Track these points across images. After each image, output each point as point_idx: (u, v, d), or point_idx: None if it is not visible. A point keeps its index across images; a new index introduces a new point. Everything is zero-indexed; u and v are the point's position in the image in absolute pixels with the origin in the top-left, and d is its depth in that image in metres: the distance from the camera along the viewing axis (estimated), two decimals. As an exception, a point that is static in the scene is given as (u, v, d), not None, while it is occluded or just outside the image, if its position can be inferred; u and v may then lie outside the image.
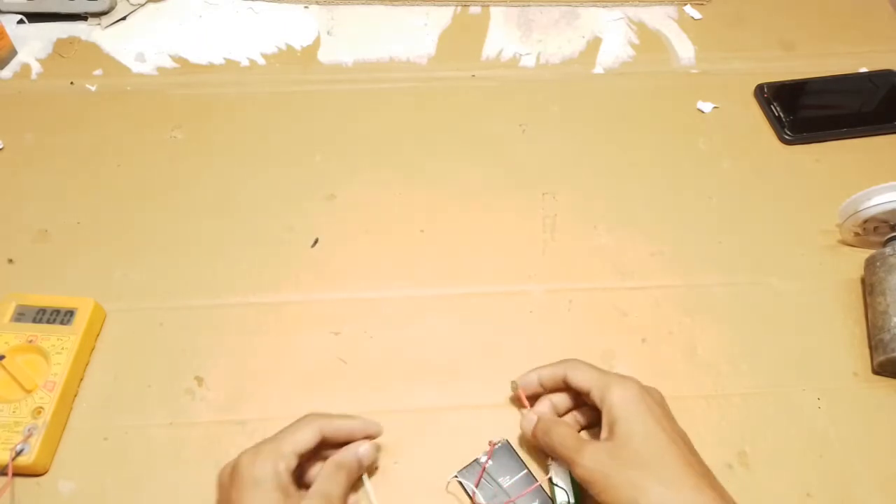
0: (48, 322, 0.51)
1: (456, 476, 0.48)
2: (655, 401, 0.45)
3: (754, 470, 0.49)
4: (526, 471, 0.48)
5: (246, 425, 0.50)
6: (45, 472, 0.47)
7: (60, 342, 0.51)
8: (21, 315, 0.52)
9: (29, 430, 0.47)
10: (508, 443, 0.49)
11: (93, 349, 0.53)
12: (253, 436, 0.49)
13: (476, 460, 0.48)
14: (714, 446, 0.50)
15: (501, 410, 0.51)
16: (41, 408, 0.48)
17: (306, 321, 0.55)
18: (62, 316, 0.52)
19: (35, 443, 0.47)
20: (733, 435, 0.50)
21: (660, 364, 0.54)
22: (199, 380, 0.52)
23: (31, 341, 0.50)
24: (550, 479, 0.47)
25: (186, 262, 0.58)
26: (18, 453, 0.46)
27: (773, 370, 0.53)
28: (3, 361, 0.49)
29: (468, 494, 0.47)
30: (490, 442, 0.49)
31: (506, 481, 0.47)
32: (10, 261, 0.57)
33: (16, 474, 0.46)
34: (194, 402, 0.51)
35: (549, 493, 0.47)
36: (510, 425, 0.50)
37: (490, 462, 0.48)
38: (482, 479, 0.47)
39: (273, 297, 0.56)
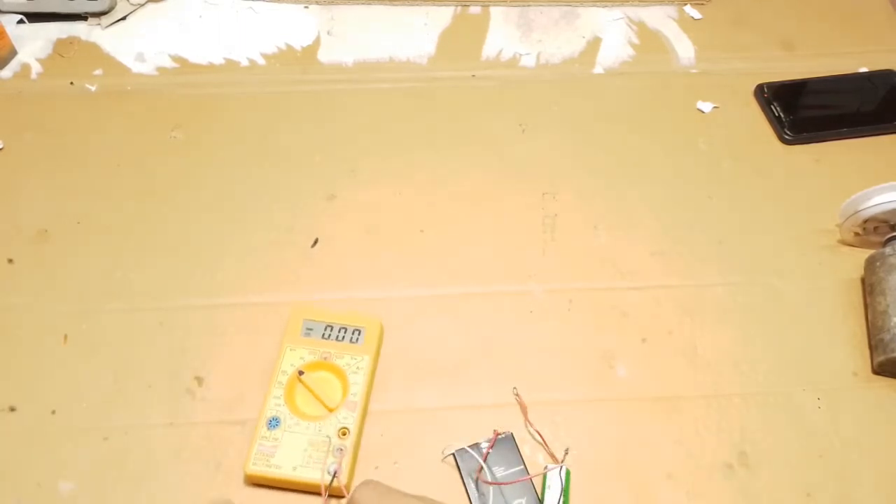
0: (338, 339, 0.51)
1: (454, 453, 0.48)
2: None
3: (754, 470, 0.49)
4: (522, 466, 0.48)
5: (246, 425, 0.50)
6: (344, 496, 0.46)
7: (355, 362, 0.50)
8: (309, 330, 0.51)
9: (340, 450, 0.47)
10: (513, 436, 0.49)
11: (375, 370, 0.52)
12: (252, 436, 0.49)
13: (477, 444, 0.49)
14: (714, 446, 0.50)
15: (501, 410, 0.51)
16: (347, 429, 0.48)
17: (306, 321, 0.55)
18: (351, 334, 0.51)
19: (345, 465, 0.46)
20: (733, 435, 0.50)
21: (660, 364, 0.54)
22: (199, 380, 0.52)
23: (325, 358, 0.50)
24: (545, 478, 0.47)
25: (186, 262, 0.58)
26: (334, 475, 0.45)
27: (773, 370, 0.53)
28: (303, 377, 0.49)
29: (459, 472, 0.48)
30: (495, 431, 0.49)
31: (500, 471, 0.48)
32: (10, 261, 0.57)
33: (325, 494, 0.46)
34: (194, 402, 0.51)
35: (539, 493, 0.47)
36: (510, 425, 0.50)
37: (491, 450, 0.48)
38: (478, 464, 0.48)
39: (273, 297, 0.56)
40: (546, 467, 0.48)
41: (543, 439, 0.49)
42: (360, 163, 0.64)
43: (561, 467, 0.47)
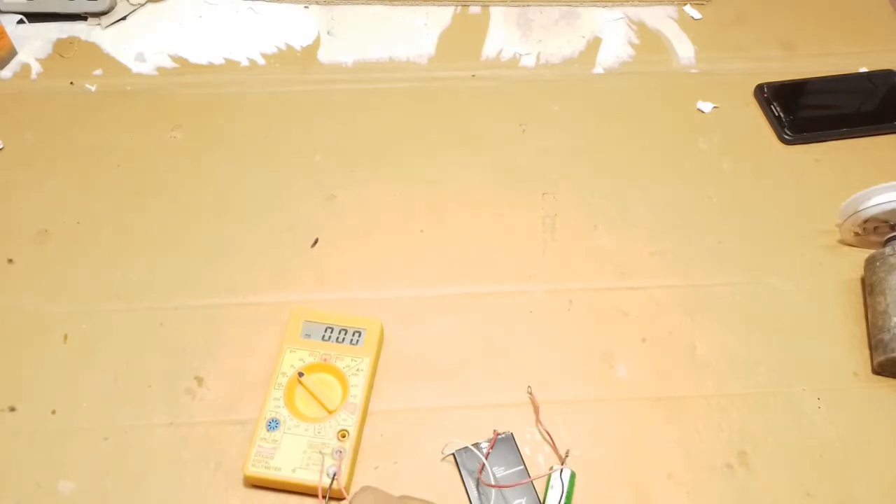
0: (337, 341, 0.51)
1: (454, 453, 0.48)
2: None
3: (754, 470, 0.49)
4: (522, 466, 0.48)
5: (246, 425, 0.50)
6: (344, 498, 0.46)
7: (355, 364, 0.50)
8: (309, 331, 0.51)
9: (339, 452, 0.46)
10: (513, 436, 0.49)
11: (376, 372, 0.52)
12: (252, 437, 0.49)
13: (477, 445, 0.48)
14: (714, 446, 0.50)
15: (501, 410, 0.51)
16: (346, 431, 0.47)
17: (306, 321, 0.55)
18: (351, 336, 0.51)
19: (345, 467, 0.46)
20: (733, 435, 0.50)
21: (660, 364, 0.54)
22: (199, 380, 0.52)
23: (325, 360, 0.50)
24: (549, 478, 0.47)
25: (187, 262, 0.58)
26: (334, 477, 0.45)
27: (773, 370, 0.53)
28: (302, 378, 0.49)
29: (459, 472, 0.48)
30: (495, 431, 0.49)
31: (500, 471, 0.48)
32: (10, 261, 0.57)
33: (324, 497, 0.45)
34: (194, 402, 0.51)
35: (542, 493, 0.47)
36: (510, 425, 0.50)
37: (491, 450, 0.48)
38: (478, 463, 0.48)
39: (273, 297, 0.56)
40: (552, 468, 0.48)
41: (552, 439, 0.49)
42: (360, 163, 0.64)
43: (562, 469, 0.47)
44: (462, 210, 0.61)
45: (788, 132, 0.66)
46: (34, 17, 0.73)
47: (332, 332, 0.51)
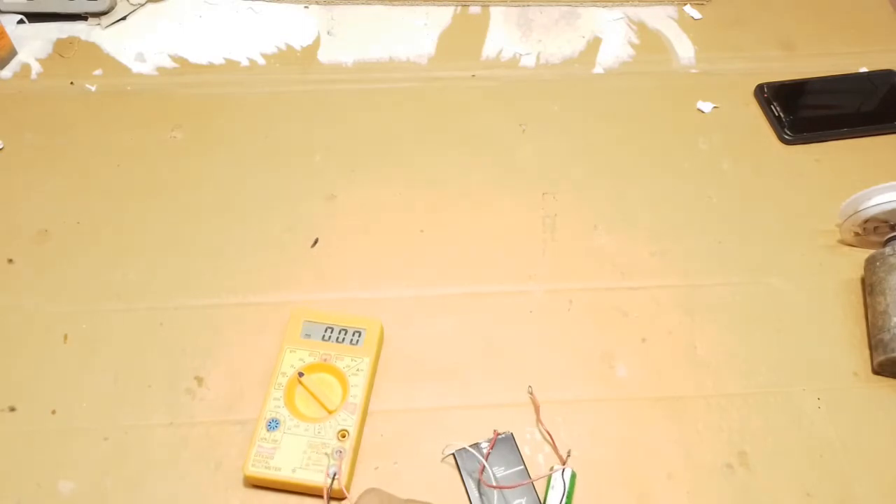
0: (337, 341, 0.51)
1: (454, 453, 0.48)
2: None
3: (754, 470, 0.49)
4: (522, 466, 0.48)
5: (246, 425, 0.50)
6: (345, 498, 0.46)
7: (355, 363, 0.50)
8: (309, 332, 0.51)
9: (339, 452, 0.46)
10: (513, 436, 0.49)
11: (376, 372, 0.52)
12: (252, 437, 0.49)
13: (477, 445, 0.48)
14: (714, 446, 0.50)
15: (501, 410, 0.51)
16: (346, 431, 0.47)
17: (306, 321, 0.55)
18: (351, 336, 0.51)
19: (345, 467, 0.46)
20: (733, 435, 0.50)
21: (660, 364, 0.54)
22: (199, 380, 0.52)
23: (325, 360, 0.50)
24: (550, 478, 0.47)
25: (187, 261, 0.58)
26: (334, 477, 0.45)
27: (773, 370, 0.53)
28: (302, 378, 0.49)
29: (459, 472, 0.48)
30: (495, 431, 0.49)
31: (500, 471, 0.48)
32: (10, 261, 0.57)
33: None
34: (194, 402, 0.51)
35: (543, 493, 0.47)
36: (510, 425, 0.50)
37: (491, 451, 0.48)
38: (478, 464, 0.48)
39: (273, 297, 0.56)
40: (552, 468, 0.48)
41: (553, 439, 0.49)
42: (360, 163, 0.64)
43: (564, 469, 0.47)
44: (462, 210, 0.61)
45: (788, 132, 0.66)
46: (34, 17, 0.73)
47: (332, 332, 0.51)
